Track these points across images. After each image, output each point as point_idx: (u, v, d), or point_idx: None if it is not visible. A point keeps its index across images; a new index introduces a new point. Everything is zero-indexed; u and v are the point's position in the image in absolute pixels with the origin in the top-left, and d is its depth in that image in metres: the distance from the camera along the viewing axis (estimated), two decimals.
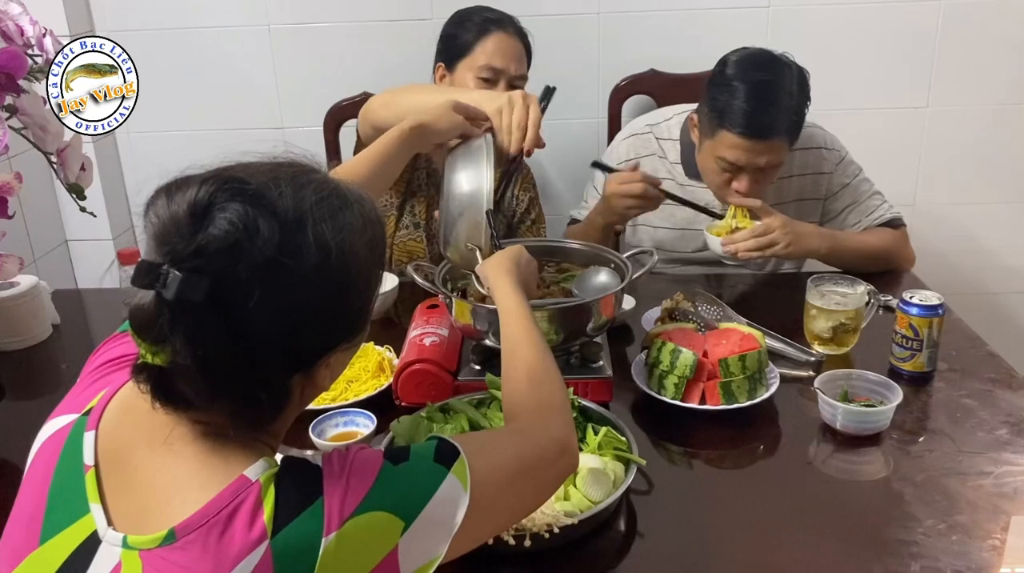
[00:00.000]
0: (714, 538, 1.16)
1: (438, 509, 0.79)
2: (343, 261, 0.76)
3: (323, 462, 0.78)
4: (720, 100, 1.75)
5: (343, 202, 0.79)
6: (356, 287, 0.80)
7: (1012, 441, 1.33)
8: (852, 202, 1.96)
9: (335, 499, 0.75)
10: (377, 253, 0.84)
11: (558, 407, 1.00)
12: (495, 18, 1.92)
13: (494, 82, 1.89)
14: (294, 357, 0.77)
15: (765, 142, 1.73)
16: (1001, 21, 2.37)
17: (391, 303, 1.81)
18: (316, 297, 0.76)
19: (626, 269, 1.49)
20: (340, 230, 0.76)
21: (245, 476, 0.75)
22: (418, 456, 0.82)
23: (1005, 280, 2.64)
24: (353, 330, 0.83)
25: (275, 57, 2.42)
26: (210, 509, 0.73)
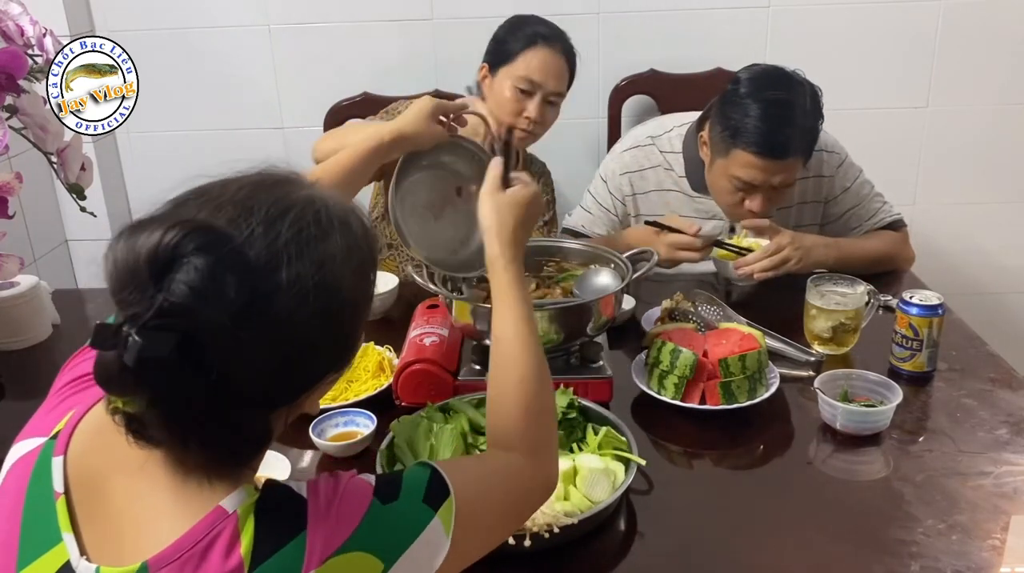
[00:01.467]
0: (714, 538, 1.16)
1: (419, 552, 0.77)
2: (325, 297, 0.72)
3: (308, 492, 0.75)
4: (734, 119, 1.72)
5: (323, 230, 0.73)
6: (341, 319, 0.76)
7: (1012, 441, 1.33)
8: (853, 206, 1.96)
9: (319, 535, 0.72)
10: (365, 277, 0.79)
11: (545, 436, 0.97)
12: (546, 33, 1.93)
13: (530, 93, 1.89)
14: (275, 398, 0.74)
15: (780, 162, 1.71)
16: (1001, 21, 2.37)
17: (391, 303, 1.81)
18: (295, 338, 0.71)
19: (626, 269, 1.49)
20: (320, 265, 0.72)
21: (222, 507, 0.72)
22: (408, 493, 0.78)
23: (1005, 280, 2.64)
24: (341, 360, 0.79)
25: (275, 57, 2.42)
26: (184, 542, 0.70)
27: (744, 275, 1.76)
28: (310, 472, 1.32)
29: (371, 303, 0.83)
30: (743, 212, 1.80)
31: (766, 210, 1.78)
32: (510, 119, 1.91)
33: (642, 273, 1.49)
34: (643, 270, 1.49)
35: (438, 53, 2.39)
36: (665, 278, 1.94)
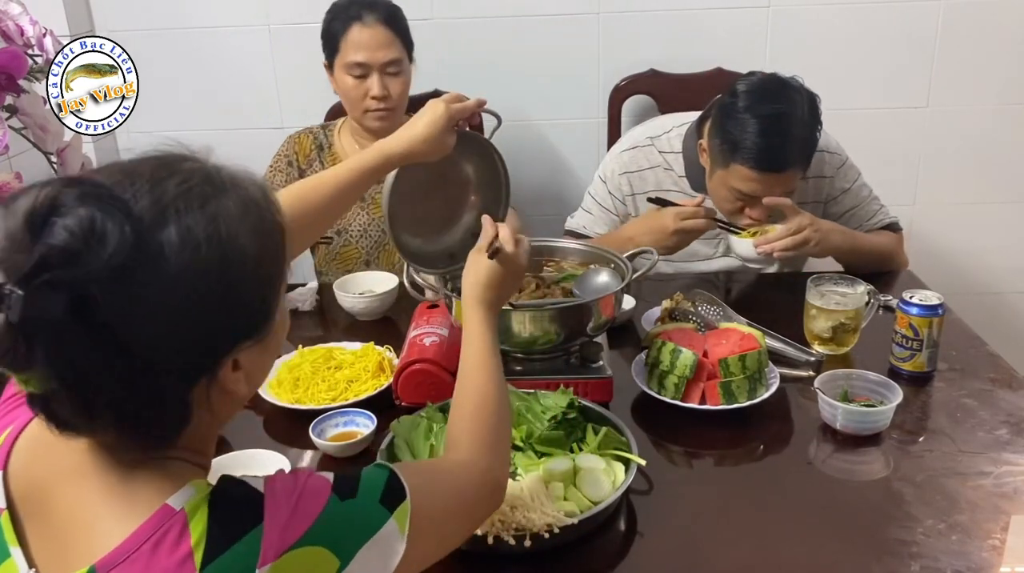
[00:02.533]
0: (714, 538, 1.16)
1: (375, 550, 0.77)
2: (220, 252, 0.70)
3: (265, 487, 0.74)
4: (732, 133, 1.71)
5: (216, 189, 0.72)
6: (243, 277, 0.73)
7: (1012, 441, 1.33)
8: (852, 207, 1.96)
9: (275, 529, 0.71)
10: (267, 237, 0.76)
11: (498, 442, 0.99)
12: (356, 11, 1.92)
13: (365, 76, 1.92)
14: (182, 365, 0.71)
15: (779, 175, 1.71)
16: (1001, 21, 2.37)
17: (391, 303, 1.81)
18: (192, 296, 0.69)
19: (626, 269, 1.49)
20: (212, 219, 0.70)
21: (168, 505, 0.71)
22: (366, 492, 0.79)
23: (1005, 280, 2.64)
24: (254, 325, 0.76)
25: (275, 57, 2.42)
26: (131, 543, 0.69)
27: (765, 253, 1.74)
28: None
29: (281, 267, 0.79)
30: (744, 219, 1.80)
31: (766, 218, 1.78)
32: (361, 105, 1.94)
33: (642, 273, 1.49)
34: (643, 270, 1.49)
35: (438, 53, 2.39)
36: (665, 278, 1.94)
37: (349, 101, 1.97)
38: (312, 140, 2.08)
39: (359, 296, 1.80)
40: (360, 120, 1.99)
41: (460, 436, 0.99)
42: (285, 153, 2.07)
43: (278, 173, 2.06)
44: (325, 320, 1.86)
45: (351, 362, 1.54)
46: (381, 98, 1.92)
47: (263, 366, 0.82)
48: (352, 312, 1.81)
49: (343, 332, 1.78)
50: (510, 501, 1.10)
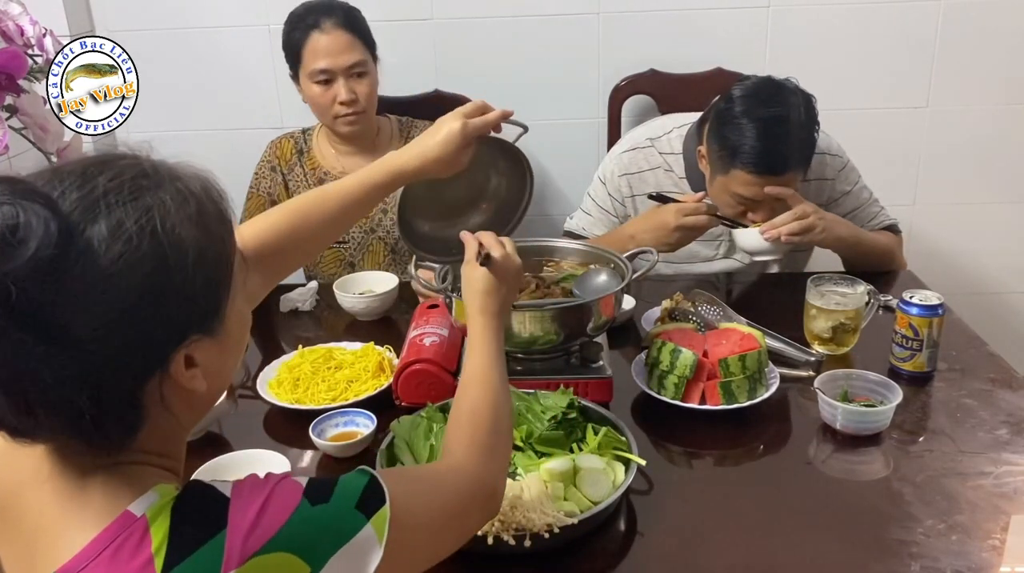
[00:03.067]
0: (714, 538, 1.16)
1: (348, 558, 0.74)
2: (154, 244, 0.69)
3: (233, 491, 0.73)
4: (731, 139, 1.71)
5: (152, 182, 0.71)
6: (183, 269, 0.71)
7: (1012, 441, 1.33)
8: (853, 209, 1.96)
9: (239, 533, 0.70)
10: (209, 229, 0.74)
11: (494, 449, 0.97)
12: (311, 21, 1.93)
13: (330, 81, 1.92)
14: (127, 361, 0.70)
15: (780, 177, 1.72)
16: (1001, 21, 2.37)
17: (391, 303, 1.81)
18: (128, 290, 0.68)
19: (626, 269, 1.49)
20: (145, 212, 0.69)
21: (129, 512, 0.70)
22: (341, 497, 0.76)
23: (1005, 280, 2.64)
24: (201, 318, 0.74)
25: (275, 57, 2.40)
26: (90, 551, 0.68)
27: (772, 238, 1.73)
28: (310, 472, 1.32)
29: (228, 260, 0.78)
30: (745, 218, 1.80)
31: (768, 218, 1.77)
32: (330, 112, 1.95)
33: (642, 273, 1.49)
34: (643, 270, 1.49)
35: (438, 53, 2.39)
36: (665, 278, 1.94)
37: (318, 109, 1.99)
38: (293, 145, 2.10)
39: (359, 296, 1.80)
40: (331, 127, 2.01)
41: (454, 443, 0.97)
42: (268, 159, 2.09)
43: (263, 179, 2.07)
44: (325, 320, 1.86)
45: (351, 362, 1.54)
46: (349, 103, 1.94)
47: (223, 364, 0.79)
48: (352, 312, 1.81)
49: (343, 332, 1.78)
50: (510, 501, 1.10)
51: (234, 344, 0.80)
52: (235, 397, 1.53)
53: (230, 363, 0.82)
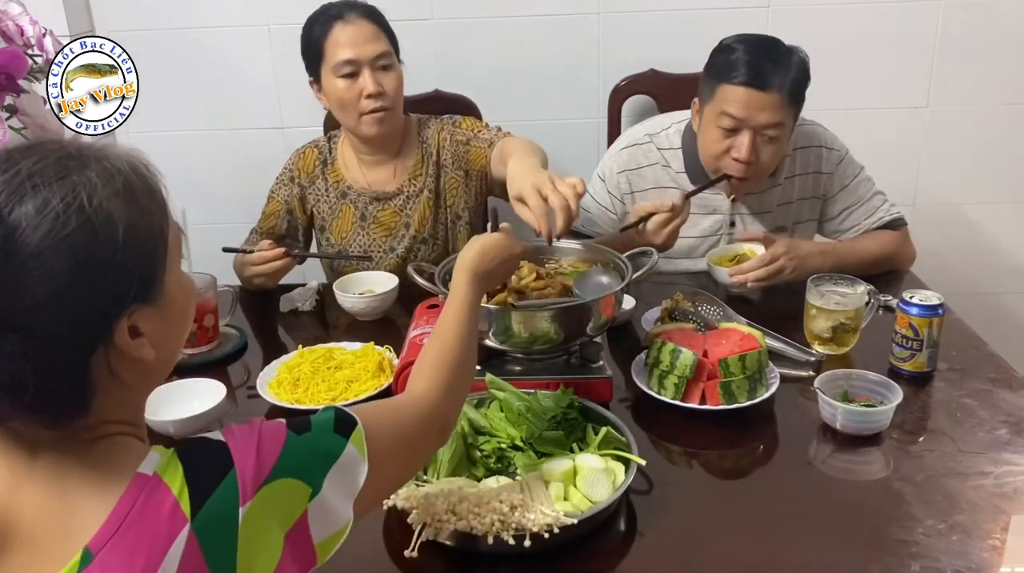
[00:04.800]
0: (714, 538, 1.16)
1: (340, 474, 0.83)
2: (82, 220, 0.71)
3: (226, 436, 0.79)
4: (719, 62, 1.77)
5: (78, 162, 0.74)
6: (113, 241, 0.72)
7: (1012, 441, 1.33)
8: (851, 204, 1.96)
9: (247, 468, 0.76)
10: (138, 203, 0.76)
11: (452, 386, 1.03)
12: (334, 12, 1.86)
13: (356, 74, 1.84)
14: (68, 334, 0.71)
15: (766, 93, 1.72)
16: (1001, 21, 2.37)
17: (391, 303, 1.81)
18: (60, 266, 0.69)
19: (626, 269, 1.49)
20: (72, 189, 0.71)
21: (141, 473, 0.74)
22: (319, 427, 0.84)
23: (1005, 280, 2.64)
24: (139, 288, 0.75)
25: (275, 57, 2.42)
26: (117, 515, 0.72)
27: (739, 283, 1.75)
28: None
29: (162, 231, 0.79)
30: (730, 164, 1.79)
31: (751, 157, 1.76)
32: (356, 108, 1.86)
33: (642, 273, 1.49)
34: (643, 270, 1.49)
35: (438, 53, 2.39)
36: (665, 278, 1.94)
37: (343, 106, 1.88)
38: (317, 155, 2.02)
39: (359, 296, 1.80)
40: (356, 128, 1.90)
41: (416, 375, 1.04)
42: (289, 168, 2.03)
43: (282, 187, 2.03)
44: (325, 320, 1.86)
45: (351, 362, 1.54)
46: (376, 95, 1.84)
47: (171, 333, 0.82)
48: (352, 312, 1.81)
49: (343, 332, 1.78)
50: (510, 501, 1.10)
51: (178, 312, 0.83)
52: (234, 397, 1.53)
53: (177, 331, 0.85)
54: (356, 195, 1.99)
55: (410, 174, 2.00)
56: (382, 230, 2.00)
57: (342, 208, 2.00)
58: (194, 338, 1.64)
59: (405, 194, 1.99)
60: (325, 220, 2.02)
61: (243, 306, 1.87)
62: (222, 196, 2.45)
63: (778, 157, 1.84)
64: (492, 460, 1.22)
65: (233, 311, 1.79)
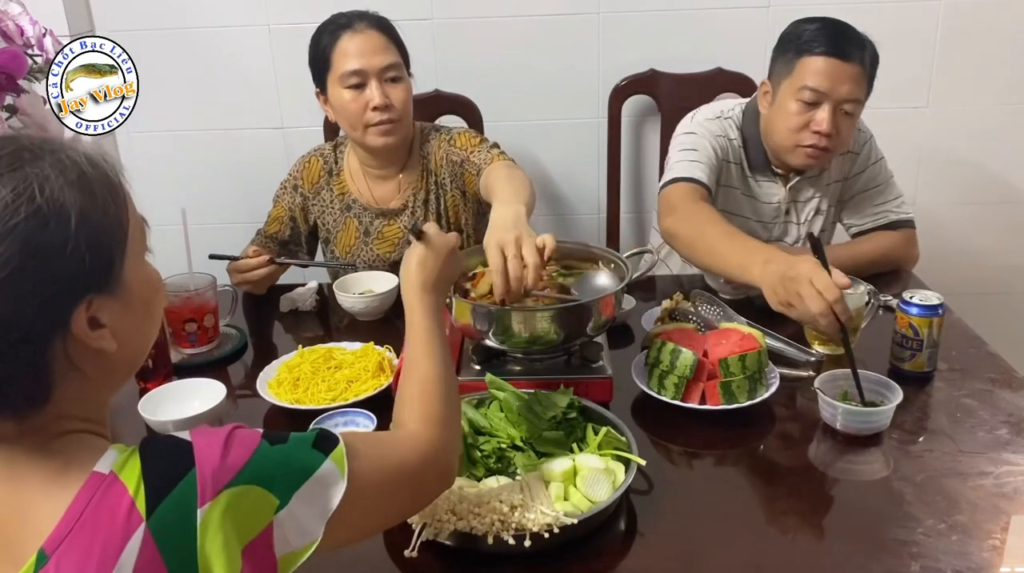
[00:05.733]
0: (714, 538, 1.16)
1: (313, 490, 0.80)
2: (32, 209, 0.71)
3: (192, 435, 0.77)
4: (795, 39, 1.79)
5: (33, 155, 0.74)
6: (64, 230, 0.72)
7: (1012, 441, 1.33)
8: (867, 187, 1.98)
9: (208, 469, 0.74)
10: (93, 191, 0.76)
11: (446, 420, 1.00)
12: (343, 22, 1.84)
13: (362, 85, 1.81)
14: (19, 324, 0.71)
15: (848, 63, 1.74)
16: (1001, 21, 2.37)
17: (391, 303, 1.81)
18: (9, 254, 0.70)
19: (626, 269, 1.49)
20: (24, 179, 0.72)
21: (96, 472, 0.73)
22: (296, 441, 0.82)
23: (1005, 280, 2.64)
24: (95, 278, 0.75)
25: (275, 57, 2.42)
26: (71, 515, 0.71)
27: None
28: None
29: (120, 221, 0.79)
30: (809, 137, 1.78)
31: (832, 130, 1.77)
32: (361, 119, 1.83)
33: (642, 273, 1.49)
34: (643, 270, 1.49)
35: (438, 53, 2.39)
36: (665, 278, 1.94)
37: (348, 118, 1.84)
38: (322, 164, 2.00)
39: (359, 296, 1.80)
40: (362, 139, 1.86)
41: (404, 414, 1.01)
42: (293, 176, 2.01)
43: (286, 194, 2.01)
44: (325, 320, 1.86)
45: (351, 362, 1.54)
46: (383, 107, 1.81)
47: (136, 326, 0.81)
48: (352, 312, 1.81)
49: (343, 332, 1.78)
50: (510, 501, 1.10)
51: (142, 305, 0.82)
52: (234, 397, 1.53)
53: (142, 325, 0.83)
54: (361, 209, 1.98)
55: (413, 188, 1.98)
56: (386, 245, 2.00)
57: (346, 221, 2.00)
58: (194, 338, 1.64)
59: (409, 210, 1.98)
60: (330, 232, 2.01)
61: (243, 306, 1.87)
62: (222, 196, 2.45)
63: (852, 133, 1.86)
64: (492, 460, 1.22)
65: (233, 311, 1.79)
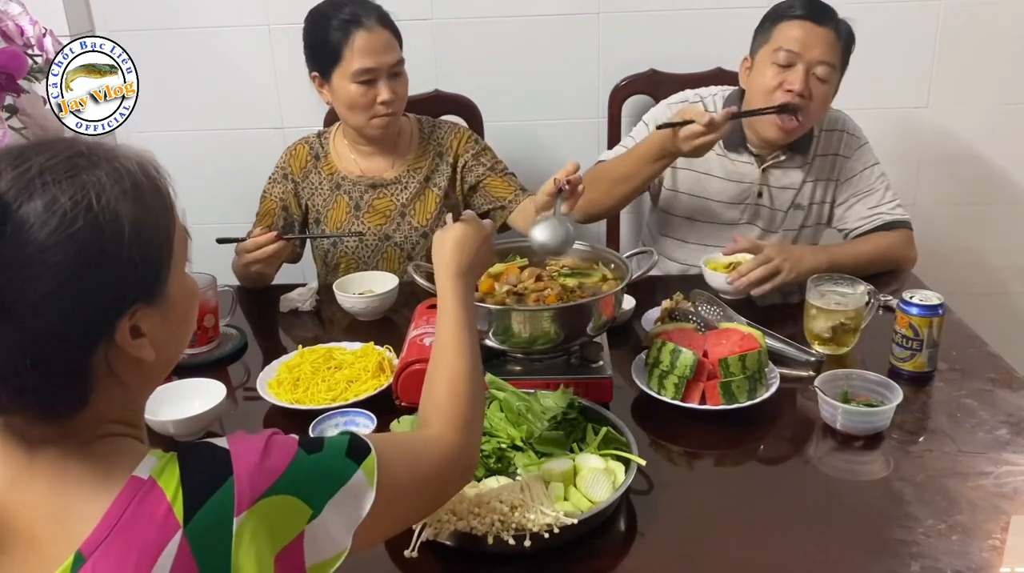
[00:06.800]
0: (714, 538, 1.16)
1: (345, 500, 0.81)
2: (90, 218, 0.71)
3: (229, 443, 0.78)
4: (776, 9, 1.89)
5: (89, 161, 0.75)
6: (119, 241, 0.73)
7: (1012, 441, 1.33)
8: (857, 192, 1.98)
9: (245, 478, 0.75)
10: (145, 204, 0.76)
11: (471, 424, 1.01)
12: (352, 18, 1.86)
13: (372, 82, 1.86)
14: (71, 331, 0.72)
15: (822, 27, 1.82)
16: (1001, 21, 2.37)
17: (391, 303, 1.81)
18: (65, 262, 0.70)
19: (626, 269, 1.49)
20: (80, 188, 0.72)
21: (136, 476, 0.74)
22: (331, 449, 0.83)
23: (1005, 280, 2.64)
24: (142, 288, 0.76)
25: (275, 57, 2.42)
26: (110, 518, 0.72)
27: (740, 287, 1.73)
28: None
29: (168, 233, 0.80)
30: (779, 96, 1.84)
31: (804, 90, 1.82)
32: (368, 113, 1.89)
33: (642, 273, 1.49)
34: (643, 270, 1.49)
35: (438, 53, 2.39)
36: (665, 278, 1.94)
37: (353, 110, 1.89)
38: (308, 151, 2.04)
39: (359, 296, 1.80)
40: (363, 128, 1.93)
41: (431, 414, 1.01)
42: (281, 165, 2.05)
43: (275, 185, 2.04)
44: (325, 320, 1.86)
45: (351, 362, 1.54)
46: (389, 102, 1.88)
47: (172, 335, 0.82)
48: (352, 312, 1.81)
49: (343, 332, 1.78)
50: (510, 501, 1.10)
51: (180, 314, 0.83)
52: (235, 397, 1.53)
53: (178, 333, 0.84)
54: (351, 185, 2.01)
55: (410, 166, 2.02)
56: (377, 217, 2.02)
57: (336, 199, 2.02)
58: (194, 338, 1.64)
59: (402, 183, 2.01)
60: (320, 212, 2.03)
61: (243, 306, 1.87)
62: (222, 196, 2.45)
63: (824, 107, 1.90)
64: (492, 460, 1.22)
65: (233, 311, 1.79)
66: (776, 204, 2.00)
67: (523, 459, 1.22)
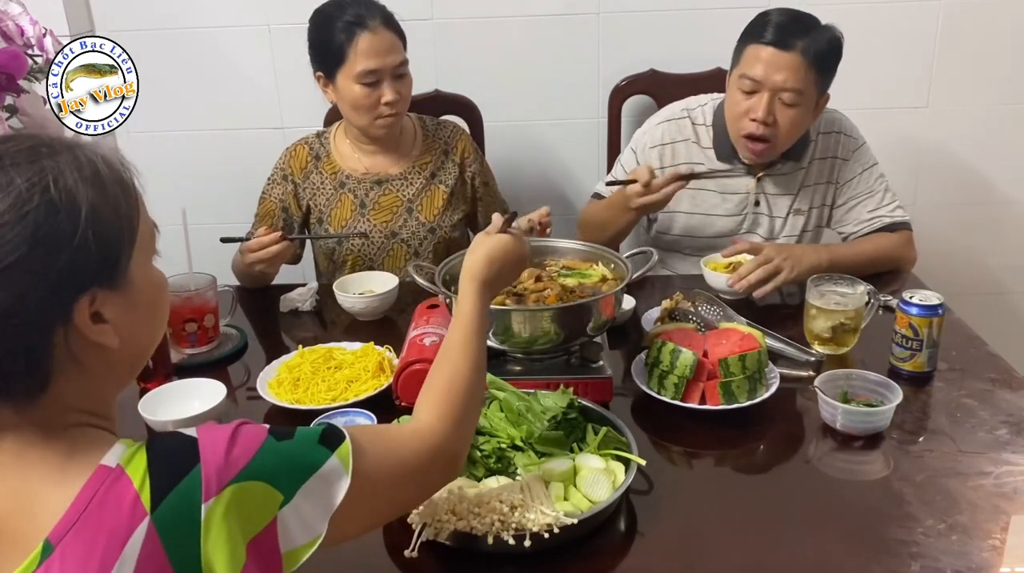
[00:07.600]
0: (714, 538, 1.16)
1: (317, 486, 0.81)
2: (44, 199, 0.73)
3: (198, 432, 0.78)
4: (751, 27, 1.84)
5: (51, 150, 0.76)
6: (74, 223, 0.74)
7: (1012, 441, 1.33)
8: (857, 194, 1.97)
9: (213, 465, 0.75)
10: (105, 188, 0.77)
11: (462, 420, 1.00)
12: (357, 19, 1.87)
13: (377, 83, 1.87)
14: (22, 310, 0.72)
15: (787, 53, 1.77)
16: (1001, 21, 2.37)
17: (391, 303, 1.81)
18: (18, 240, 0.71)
19: (626, 269, 1.49)
20: (40, 171, 0.74)
21: (103, 465, 0.74)
22: (302, 437, 0.83)
23: (1005, 280, 2.64)
24: (100, 271, 0.77)
25: (275, 57, 2.42)
26: (77, 507, 0.72)
27: (741, 288, 1.73)
28: None
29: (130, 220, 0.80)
30: (745, 125, 1.82)
31: (767, 118, 1.80)
32: (372, 113, 1.90)
33: (642, 273, 1.49)
34: (643, 270, 1.49)
35: (438, 53, 2.39)
36: (665, 278, 1.94)
37: (358, 110, 1.91)
38: (308, 151, 2.04)
39: (359, 296, 1.80)
40: (367, 128, 1.94)
41: (423, 406, 1.01)
42: (281, 167, 2.04)
43: (275, 186, 2.03)
44: (325, 320, 1.86)
45: (351, 362, 1.54)
46: (393, 103, 1.89)
47: (140, 325, 0.82)
48: (352, 312, 1.81)
49: (343, 332, 1.78)
50: (510, 501, 1.10)
51: (147, 305, 0.83)
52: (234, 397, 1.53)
53: (147, 325, 0.84)
54: (355, 183, 2.01)
55: (415, 162, 2.03)
56: (383, 214, 2.02)
57: (341, 197, 2.02)
58: (194, 338, 1.64)
59: (408, 179, 2.02)
60: (323, 211, 2.03)
61: (243, 306, 1.87)
62: (222, 196, 2.45)
63: (798, 128, 1.86)
64: (492, 460, 1.22)
65: (233, 311, 1.79)
66: (775, 211, 1.99)
67: (523, 459, 1.22)
